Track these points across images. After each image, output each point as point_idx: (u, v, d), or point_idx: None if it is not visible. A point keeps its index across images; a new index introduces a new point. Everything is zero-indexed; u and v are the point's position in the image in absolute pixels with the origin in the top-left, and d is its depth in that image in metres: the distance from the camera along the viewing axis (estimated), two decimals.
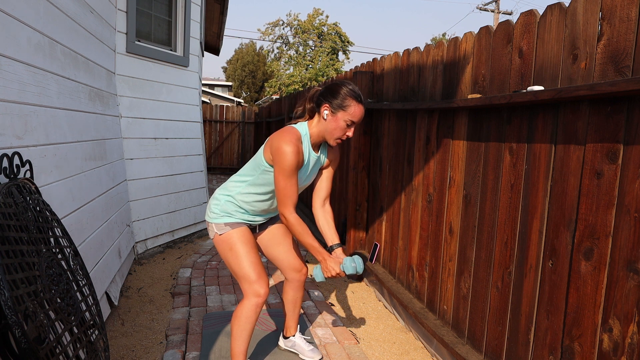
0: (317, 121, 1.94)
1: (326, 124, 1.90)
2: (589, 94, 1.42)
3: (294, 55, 27.88)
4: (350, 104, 1.86)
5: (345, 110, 1.86)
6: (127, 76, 3.83)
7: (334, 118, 1.88)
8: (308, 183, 2.06)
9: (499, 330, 1.95)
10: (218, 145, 10.70)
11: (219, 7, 6.69)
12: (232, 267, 1.96)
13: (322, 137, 1.95)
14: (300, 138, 1.89)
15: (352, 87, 1.89)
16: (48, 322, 1.36)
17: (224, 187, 2.05)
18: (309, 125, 1.96)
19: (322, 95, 1.92)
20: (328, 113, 1.89)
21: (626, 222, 1.37)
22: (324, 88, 1.94)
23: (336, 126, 1.88)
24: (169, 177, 4.36)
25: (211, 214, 2.01)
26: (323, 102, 1.90)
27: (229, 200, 2.00)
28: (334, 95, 1.87)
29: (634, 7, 1.35)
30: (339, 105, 1.86)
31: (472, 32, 2.18)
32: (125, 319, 2.75)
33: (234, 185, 2.02)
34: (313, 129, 1.95)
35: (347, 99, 1.86)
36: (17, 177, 1.65)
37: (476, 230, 2.13)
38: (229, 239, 1.96)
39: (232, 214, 1.99)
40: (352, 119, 1.88)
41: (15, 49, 1.81)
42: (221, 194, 2.03)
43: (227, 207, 1.99)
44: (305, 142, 1.93)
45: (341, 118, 1.87)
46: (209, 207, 2.03)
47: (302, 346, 2.33)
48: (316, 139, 1.96)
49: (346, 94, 1.86)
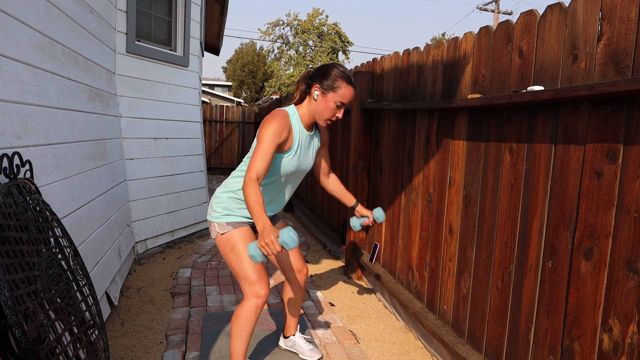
0: (308, 102, 1.97)
1: (316, 104, 1.93)
2: (589, 94, 1.42)
3: (294, 55, 27.88)
4: (340, 85, 1.88)
5: (335, 92, 1.88)
6: (127, 76, 3.83)
7: (324, 99, 1.90)
8: (309, 166, 2.08)
9: (499, 330, 1.95)
10: (218, 145, 10.69)
11: (219, 7, 6.70)
12: (233, 267, 1.96)
13: (313, 117, 1.98)
14: (287, 115, 1.92)
15: (342, 69, 1.91)
16: (48, 322, 1.36)
17: (224, 185, 2.05)
18: (298, 108, 1.99)
19: (313, 76, 1.94)
20: (318, 94, 1.91)
21: (626, 222, 1.37)
22: (316, 69, 1.97)
23: (326, 107, 1.91)
24: (169, 177, 4.36)
25: (213, 213, 2.00)
26: (314, 82, 1.92)
27: (231, 196, 2.00)
28: (324, 76, 1.90)
29: (634, 7, 1.35)
30: (330, 86, 1.88)
31: (472, 32, 2.18)
32: (125, 319, 2.75)
33: (235, 180, 2.01)
34: (303, 109, 1.98)
35: (338, 80, 1.88)
36: (17, 177, 1.65)
37: (476, 230, 2.13)
38: (230, 238, 1.95)
39: (234, 211, 1.99)
40: (342, 100, 1.90)
41: (15, 49, 1.81)
42: (222, 191, 2.02)
43: (229, 204, 1.99)
44: (295, 120, 1.95)
45: (331, 99, 1.89)
46: (211, 206, 2.03)
47: (302, 346, 2.34)
48: (307, 120, 1.99)
49: (337, 75, 1.89)
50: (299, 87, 2.01)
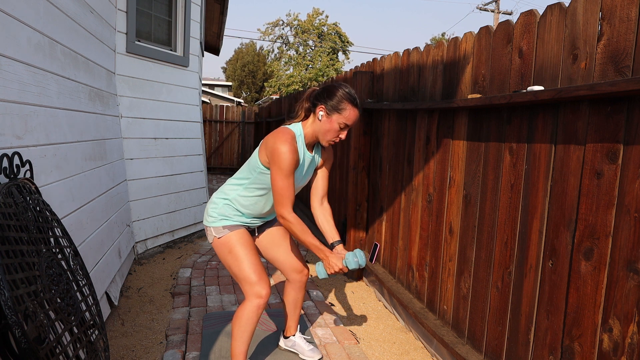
0: (312, 121, 1.94)
1: (320, 124, 1.90)
2: (589, 94, 1.42)
3: (294, 56, 27.88)
4: (345, 107, 1.86)
5: (340, 113, 1.86)
6: (127, 76, 3.83)
7: (328, 120, 1.88)
8: (304, 183, 2.06)
9: (499, 330, 1.95)
10: (218, 145, 10.69)
11: (219, 7, 6.70)
12: (232, 270, 1.96)
13: (316, 137, 1.96)
14: (294, 137, 1.89)
15: (348, 90, 1.88)
16: (48, 322, 1.36)
17: (221, 191, 2.04)
18: (304, 126, 1.96)
19: (318, 95, 1.92)
20: (323, 114, 1.89)
21: (626, 222, 1.37)
22: (321, 88, 1.94)
23: (330, 128, 1.89)
24: (169, 177, 4.36)
25: (209, 218, 2.00)
26: (319, 103, 1.90)
27: (227, 203, 2.00)
28: (330, 96, 1.87)
29: (634, 7, 1.35)
30: (335, 107, 1.86)
31: (472, 32, 2.18)
32: (125, 319, 2.75)
33: (231, 188, 2.02)
34: (307, 129, 1.95)
35: (343, 102, 1.86)
36: (17, 177, 1.65)
37: (476, 230, 2.13)
38: (228, 241, 1.95)
39: (230, 217, 1.99)
40: (346, 122, 1.88)
41: (15, 49, 1.81)
42: (219, 197, 2.02)
43: (225, 210, 1.99)
44: (300, 142, 1.93)
45: (335, 120, 1.87)
46: (207, 212, 2.03)
47: (302, 346, 2.34)
48: (310, 139, 1.96)
49: (342, 96, 1.86)
50: (302, 105, 1.98)
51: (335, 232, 2.09)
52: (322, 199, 2.12)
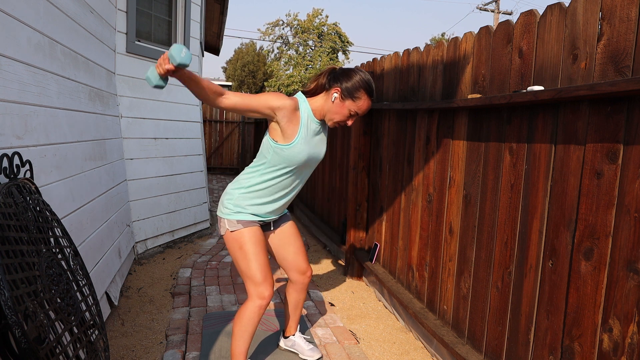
0: (323, 98, 1.91)
1: (332, 105, 1.88)
2: (589, 94, 1.42)
3: (294, 56, 27.88)
4: (361, 96, 1.86)
5: (354, 101, 1.86)
6: (127, 76, 3.83)
7: (341, 103, 1.87)
8: (322, 153, 2.00)
9: (499, 330, 1.95)
10: (218, 145, 10.70)
11: (219, 7, 6.70)
12: (239, 266, 1.95)
13: (323, 114, 1.93)
14: (296, 100, 1.88)
15: (367, 79, 1.87)
16: (48, 322, 1.36)
17: (236, 181, 2.00)
18: (310, 100, 1.94)
19: (337, 76, 1.89)
20: (337, 97, 1.87)
21: (626, 222, 1.37)
22: (341, 70, 1.91)
23: (340, 111, 1.88)
24: (169, 177, 4.36)
25: (224, 209, 1.97)
26: (335, 84, 1.87)
27: (243, 193, 1.95)
28: (348, 81, 1.85)
29: (634, 7, 1.35)
30: (350, 93, 1.85)
31: (472, 32, 2.18)
32: (125, 319, 2.75)
33: (248, 177, 1.97)
34: (315, 103, 1.92)
35: (360, 90, 1.85)
36: (17, 177, 1.65)
37: (476, 230, 2.13)
38: (240, 237, 1.93)
39: (245, 208, 1.95)
40: (358, 110, 1.88)
41: (15, 49, 1.81)
42: (234, 188, 1.98)
43: (240, 200, 1.95)
44: (304, 106, 1.90)
45: (348, 106, 1.87)
46: (222, 202, 2.00)
47: (301, 345, 2.34)
48: (317, 114, 1.93)
49: (360, 84, 1.85)
50: (318, 80, 1.95)
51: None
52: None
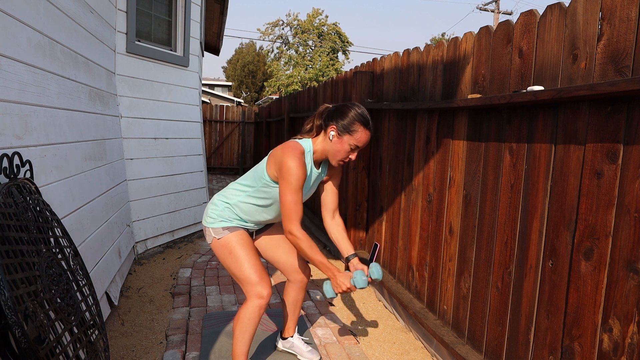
0: (323, 139, 1.94)
1: (331, 144, 1.90)
2: (589, 94, 1.42)
3: (294, 56, 27.87)
4: (357, 129, 1.86)
5: (352, 135, 1.86)
6: (127, 76, 3.83)
7: (339, 140, 1.88)
8: (307, 197, 2.06)
9: (499, 330, 1.95)
10: (218, 145, 10.69)
11: (219, 7, 6.69)
12: (233, 271, 1.96)
13: (325, 155, 1.96)
14: (304, 153, 1.89)
15: (361, 112, 1.88)
16: (48, 322, 1.36)
17: (222, 194, 2.04)
18: (314, 142, 1.96)
19: (330, 115, 1.92)
20: (334, 134, 1.89)
21: (626, 222, 1.37)
22: (334, 107, 1.94)
23: (340, 148, 1.89)
24: (169, 177, 4.36)
25: (208, 219, 2.00)
26: (330, 122, 1.90)
27: (227, 207, 2.00)
28: (342, 117, 1.87)
29: (634, 7, 1.35)
30: (346, 128, 1.86)
31: (472, 32, 2.18)
32: (125, 319, 2.75)
33: (233, 193, 2.02)
34: (317, 145, 1.95)
35: (355, 123, 1.86)
36: (17, 177, 1.65)
37: (476, 230, 2.13)
38: (227, 243, 1.95)
39: (229, 220, 2.00)
40: (357, 143, 1.88)
41: (15, 49, 1.81)
42: (220, 200, 2.03)
43: (225, 213, 2.00)
44: (308, 158, 1.94)
45: (347, 141, 1.87)
46: (207, 212, 2.03)
47: (300, 347, 2.33)
48: (319, 156, 1.97)
49: (354, 118, 1.86)
50: (314, 122, 1.99)
51: (349, 245, 2.09)
52: (333, 212, 2.14)
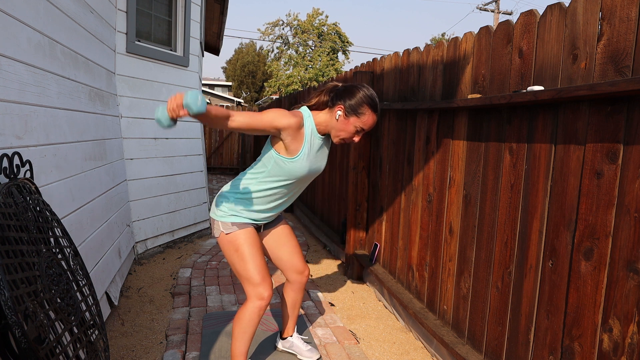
0: (327, 115, 1.89)
1: (337, 123, 1.85)
2: (589, 94, 1.42)
3: (294, 56, 27.87)
4: (364, 111, 1.82)
5: (358, 117, 1.82)
6: (127, 76, 3.83)
7: (345, 120, 1.83)
8: (322, 166, 2.00)
9: (499, 330, 1.95)
10: (218, 145, 10.69)
11: (219, 7, 6.69)
12: (236, 269, 1.94)
13: (327, 130, 1.91)
14: (303, 117, 1.85)
15: (370, 94, 1.83)
16: (48, 322, 1.36)
17: (232, 185, 1.98)
18: (314, 114, 1.91)
19: (339, 94, 1.86)
20: (341, 114, 1.84)
21: (626, 222, 1.37)
22: (343, 87, 1.88)
23: (345, 128, 1.84)
24: (169, 177, 4.36)
25: (218, 212, 1.95)
26: (338, 102, 1.85)
27: (239, 198, 1.94)
28: (350, 97, 1.82)
29: (634, 7, 1.35)
30: (354, 109, 1.81)
31: (472, 32, 2.18)
32: (125, 319, 2.75)
33: (245, 182, 1.95)
34: (319, 118, 1.90)
35: (363, 106, 1.81)
36: (17, 177, 1.65)
37: (476, 230, 2.13)
38: (235, 239, 1.91)
39: (240, 212, 1.94)
40: (363, 126, 1.84)
41: (15, 49, 1.81)
42: (230, 191, 1.97)
43: (236, 205, 1.94)
44: (308, 122, 1.88)
45: (352, 123, 1.83)
46: (215, 204, 1.98)
47: (299, 346, 2.33)
48: (322, 128, 1.91)
49: (363, 100, 1.81)
50: (319, 96, 1.92)
51: None
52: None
